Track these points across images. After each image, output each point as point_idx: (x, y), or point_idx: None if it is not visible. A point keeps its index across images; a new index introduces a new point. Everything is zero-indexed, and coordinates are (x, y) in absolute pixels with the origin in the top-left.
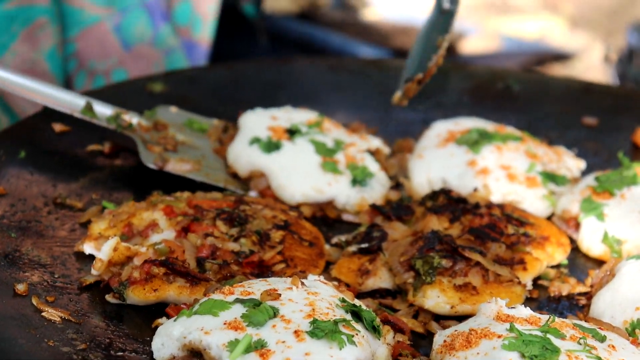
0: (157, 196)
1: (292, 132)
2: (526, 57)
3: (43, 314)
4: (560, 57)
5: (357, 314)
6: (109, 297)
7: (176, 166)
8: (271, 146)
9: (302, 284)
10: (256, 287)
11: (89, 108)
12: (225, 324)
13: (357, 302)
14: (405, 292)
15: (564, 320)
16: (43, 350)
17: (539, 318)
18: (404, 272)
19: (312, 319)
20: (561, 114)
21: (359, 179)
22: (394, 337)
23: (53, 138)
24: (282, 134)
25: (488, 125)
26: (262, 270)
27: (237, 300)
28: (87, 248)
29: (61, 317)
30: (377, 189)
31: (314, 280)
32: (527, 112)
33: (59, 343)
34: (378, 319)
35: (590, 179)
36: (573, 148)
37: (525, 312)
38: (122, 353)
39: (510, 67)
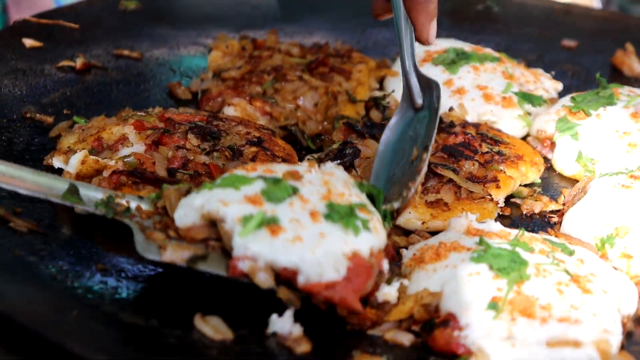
0: (128, 111)
1: None
2: None
3: (10, 224)
4: None
5: (372, 198)
6: (78, 209)
7: (174, 254)
8: None
9: (319, 167)
10: (278, 168)
11: (72, 192)
12: (244, 198)
13: None
14: None
15: (534, 235)
16: (9, 260)
17: (509, 232)
18: None
19: (328, 201)
20: (540, 36)
21: None
22: (390, 237)
23: (23, 53)
24: None
25: (465, 46)
26: None
27: (259, 177)
28: (56, 162)
29: (28, 228)
30: None
31: (330, 165)
32: (506, 34)
33: (24, 253)
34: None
35: (566, 100)
36: (551, 70)
37: (495, 226)
38: (89, 262)
39: None
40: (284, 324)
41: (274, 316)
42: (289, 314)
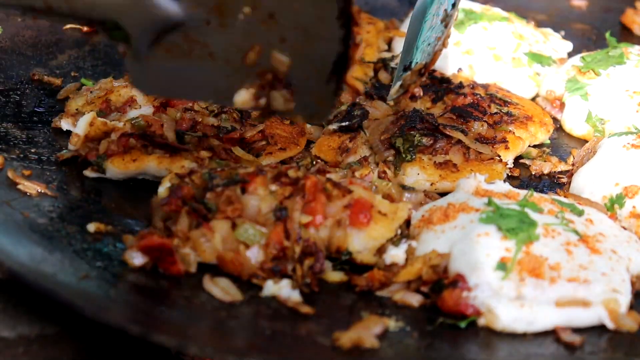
0: None
1: None
2: None
3: (18, 186)
4: None
5: None
6: (87, 172)
7: None
8: None
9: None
10: None
11: None
12: None
13: None
14: None
15: (543, 195)
16: (18, 221)
17: (518, 193)
18: (385, 150)
19: None
20: None
21: None
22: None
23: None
24: None
25: (474, 6)
26: (242, 147)
27: None
28: (65, 124)
29: (37, 191)
30: None
31: None
32: None
33: (35, 215)
34: None
35: (576, 59)
36: (560, 30)
37: (504, 187)
38: (98, 225)
39: None
40: (280, 290)
41: (269, 282)
42: (284, 283)
